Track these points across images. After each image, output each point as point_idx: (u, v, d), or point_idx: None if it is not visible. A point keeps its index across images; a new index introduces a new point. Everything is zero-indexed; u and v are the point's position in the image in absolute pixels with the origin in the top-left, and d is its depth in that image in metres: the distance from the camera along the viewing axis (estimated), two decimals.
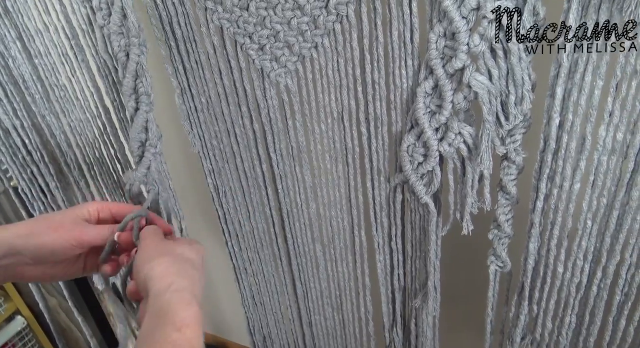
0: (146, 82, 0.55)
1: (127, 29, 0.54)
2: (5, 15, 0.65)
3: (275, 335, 0.87)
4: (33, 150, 0.76)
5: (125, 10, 0.53)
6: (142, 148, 0.58)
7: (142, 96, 0.56)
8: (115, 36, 0.55)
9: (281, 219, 0.70)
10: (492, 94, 0.46)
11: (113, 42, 0.55)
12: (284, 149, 0.63)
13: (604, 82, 0.43)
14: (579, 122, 0.45)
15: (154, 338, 0.38)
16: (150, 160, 0.59)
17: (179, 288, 0.41)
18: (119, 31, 0.54)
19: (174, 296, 0.41)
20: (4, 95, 0.71)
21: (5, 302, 1.36)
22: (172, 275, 0.43)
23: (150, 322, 0.39)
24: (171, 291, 0.41)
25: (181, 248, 0.49)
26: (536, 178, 0.51)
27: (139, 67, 0.55)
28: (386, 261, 0.67)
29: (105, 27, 0.55)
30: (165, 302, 0.40)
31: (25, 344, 1.43)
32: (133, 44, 0.54)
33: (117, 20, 0.53)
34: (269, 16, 0.52)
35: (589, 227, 0.50)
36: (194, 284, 0.44)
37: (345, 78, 0.54)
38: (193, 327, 0.39)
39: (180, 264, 0.45)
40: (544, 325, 0.59)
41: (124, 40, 0.55)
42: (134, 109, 0.57)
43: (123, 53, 0.55)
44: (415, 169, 0.55)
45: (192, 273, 0.45)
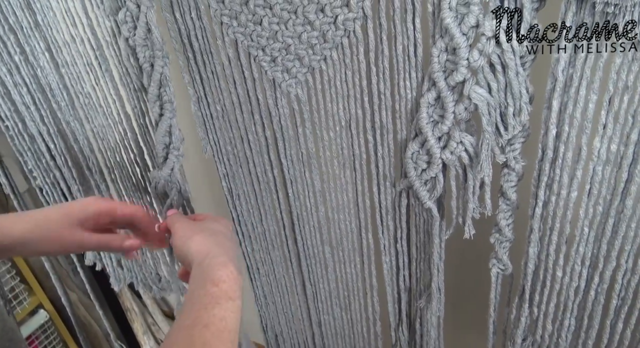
0: (169, 90, 0.60)
1: (152, 42, 0.58)
2: (35, 28, 0.69)
3: (286, 334, 0.90)
4: (57, 155, 0.80)
5: (149, 25, 0.56)
6: (166, 150, 0.63)
7: (166, 103, 0.60)
8: (140, 48, 0.59)
9: (291, 222, 0.73)
10: (491, 105, 0.49)
11: (138, 53, 0.59)
12: (294, 154, 0.65)
13: (597, 96, 0.45)
14: (574, 133, 0.47)
15: (196, 295, 0.43)
16: (174, 161, 0.63)
17: (215, 255, 0.47)
18: (143, 43, 0.58)
19: (212, 261, 0.46)
20: (32, 103, 0.75)
21: (29, 295, 1.42)
22: (207, 246, 0.49)
23: (193, 285, 0.45)
24: (209, 257, 0.47)
25: (211, 224, 0.55)
26: (535, 186, 0.53)
27: (163, 77, 0.59)
28: (392, 262, 0.69)
29: (130, 39, 0.59)
30: (205, 267, 0.46)
31: (47, 337, 1.49)
32: (157, 57, 0.58)
33: (142, 33, 0.57)
34: (280, 30, 0.55)
35: (586, 233, 0.52)
36: (227, 251, 0.49)
37: (352, 88, 0.57)
38: (229, 282, 0.44)
39: (213, 237, 0.51)
40: (544, 327, 0.61)
41: (149, 51, 0.59)
42: (159, 114, 0.61)
43: (148, 63, 0.59)
44: (419, 175, 0.57)
45: (224, 243, 0.51)
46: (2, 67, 0.74)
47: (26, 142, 0.79)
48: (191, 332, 0.40)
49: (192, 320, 0.41)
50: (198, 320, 0.41)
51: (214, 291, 0.43)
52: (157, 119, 0.61)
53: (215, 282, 0.44)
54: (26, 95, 0.76)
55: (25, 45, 0.71)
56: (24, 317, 1.41)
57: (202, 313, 0.41)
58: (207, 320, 0.41)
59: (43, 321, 1.45)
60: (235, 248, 0.52)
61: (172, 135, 0.62)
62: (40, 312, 1.45)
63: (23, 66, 0.73)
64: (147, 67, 0.58)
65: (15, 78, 0.75)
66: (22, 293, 1.38)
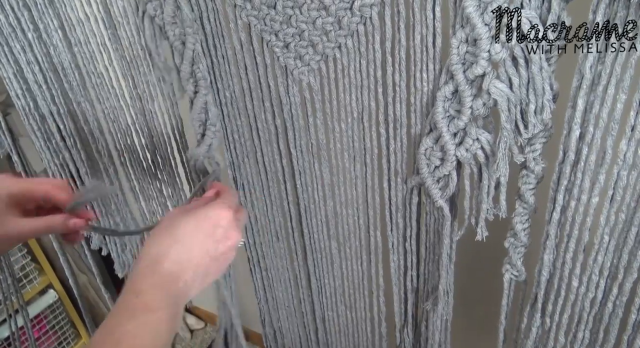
0: (202, 67, 0.58)
1: (182, 19, 0.56)
2: (50, 4, 0.68)
3: (286, 329, 0.89)
4: (67, 136, 0.79)
5: (178, 2, 0.55)
6: (203, 127, 0.62)
7: (200, 80, 0.59)
8: (170, 26, 0.57)
9: (298, 214, 0.71)
10: (511, 101, 0.46)
11: (168, 32, 0.57)
12: (303, 145, 0.64)
13: (626, 95, 0.41)
14: (599, 135, 0.44)
15: (116, 304, 0.40)
16: (212, 138, 0.62)
17: (151, 258, 0.42)
18: (172, 21, 0.57)
19: (141, 265, 0.42)
20: (43, 81, 0.75)
21: (40, 275, 1.43)
22: (156, 247, 0.43)
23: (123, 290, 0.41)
24: (143, 260, 0.42)
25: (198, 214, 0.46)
26: (554, 190, 0.50)
27: (195, 54, 0.58)
28: (400, 262, 0.67)
29: (156, 17, 0.57)
30: (133, 271, 0.42)
31: (55, 316, 1.50)
32: (188, 34, 0.56)
33: (170, 11, 0.56)
34: (294, 15, 0.53)
35: (606, 242, 0.49)
36: (183, 253, 0.43)
37: (366, 78, 0.54)
38: (152, 292, 0.40)
39: (174, 234, 0.44)
40: (556, 338, 0.58)
41: (178, 29, 0.57)
42: (193, 92, 0.60)
43: (179, 41, 0.57)
44: (431, 172, 0.55)
45: (189, 242, 0.44)
46: (16, 44, 0.74)
47: (37, 121, 0.79)
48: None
49: (104, 335, 0.37)
50: (109, 337, 0.37)
51: (133, 302, 0.39)
52: (192, 97, 0.60)
53: (135, 291, 0.39)
54: (38, 74, 0.75)
55: (39, 22, 0.70)
56: (33, 295, 1.42)
57: (114, 329, 0.37)
58: (118, 336, 0.37)
59: (52, 301, 1.47)
60: (215, 247, 0.45)
61: (209, 112, 0.61)
62: (50, 292, 1.47)
63: (36, 44, 0.72)
64: (179, 45, 0.57)
65: (28, 56, 0.74)
66: (33, 272, 1.39)
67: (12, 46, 0.75)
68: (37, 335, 1.45)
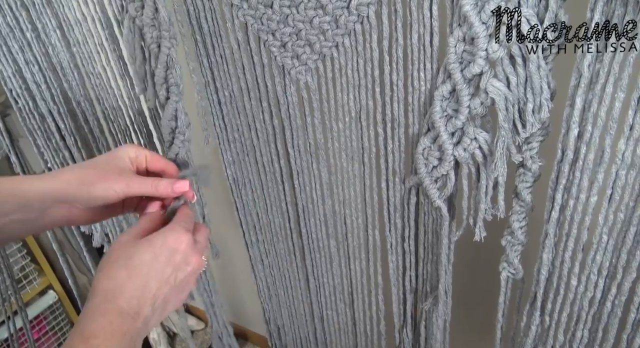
0: (175, 73, 0.58)
1: (159, 22, 0.56)
2: (47, 4, 0.68)
3: (289, 327, 0.89)
4: (67, 135, 0.79)
5: (156, 4, 0.55)
6: (172, 134, 0.61)
7: (172, 86, 0.58)
8: (148, 28, 0.57)
9: (296, 214, 0.71)
10: (509, 100, 0.46)
11: (145, 34, 0.57)
12: (301, 144, 0.63)
13: (625, 94, 0.41)
14: (597, 134, 0.44)
15: (64, 345, 0.37)
16: (179, 147, 0.61)
17: (103, 298, 0.39)
18: (151, 23, 0.56)
19: (92, 304, 0.39)
20: (43, 81, 0.75)
21: (39, 276, 1.43)
22: (107, 282, 0.40)
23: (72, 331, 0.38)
24: (96, 296, 0.39)
25: (155, 242, 0.43)
26: (552, 188, 0.50)
27: (169, 59, 0.57)
28: (398, 262, 0.67)
29: (137, 19, 0.57)
30: (83, 311, 0.39)
31: (55, 317, 1.50)
32: (164, 37, 0.56)
33: (149, 13, 0.55)
34: (291, 14, 0.53)
35: (604, 241, 0.49)
36: (138, 288, 0.40)
37: (364, 78, 0.54)
38: (103, 337, 0.36)
39: (129, 266, 0.41)
40: (556, 337, 0.58)
41: (156, 32, 0.57)
42: (165, 97, 0.59)
43: (155, 44, 0.57)
44: (429, 172, 0.55)
45: (145, 274, 0.41)
46: (15, 44, 0.74)
47: (36, 121, 0.79)
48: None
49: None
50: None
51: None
52: (164, 103, 0.60)
53: (85, 336, 0.36)
54: (37, 74, 0.75)
55: (37, 22, 0.70)
56: (33, 296, 1.42)
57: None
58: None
59: (52, 302, 1.47)
60: (175, 275, 0.43)
61: (178, 120, 0.60)
62: (50, 293, 1.47)
63: (35, 44, 0.72)
64: (154, 48, 0.57)
65: (27, 55, 0.74)
66: (33, 273, 1.39)
67: (10, 46, 0.75)
68: (36, 336, 1.46)
